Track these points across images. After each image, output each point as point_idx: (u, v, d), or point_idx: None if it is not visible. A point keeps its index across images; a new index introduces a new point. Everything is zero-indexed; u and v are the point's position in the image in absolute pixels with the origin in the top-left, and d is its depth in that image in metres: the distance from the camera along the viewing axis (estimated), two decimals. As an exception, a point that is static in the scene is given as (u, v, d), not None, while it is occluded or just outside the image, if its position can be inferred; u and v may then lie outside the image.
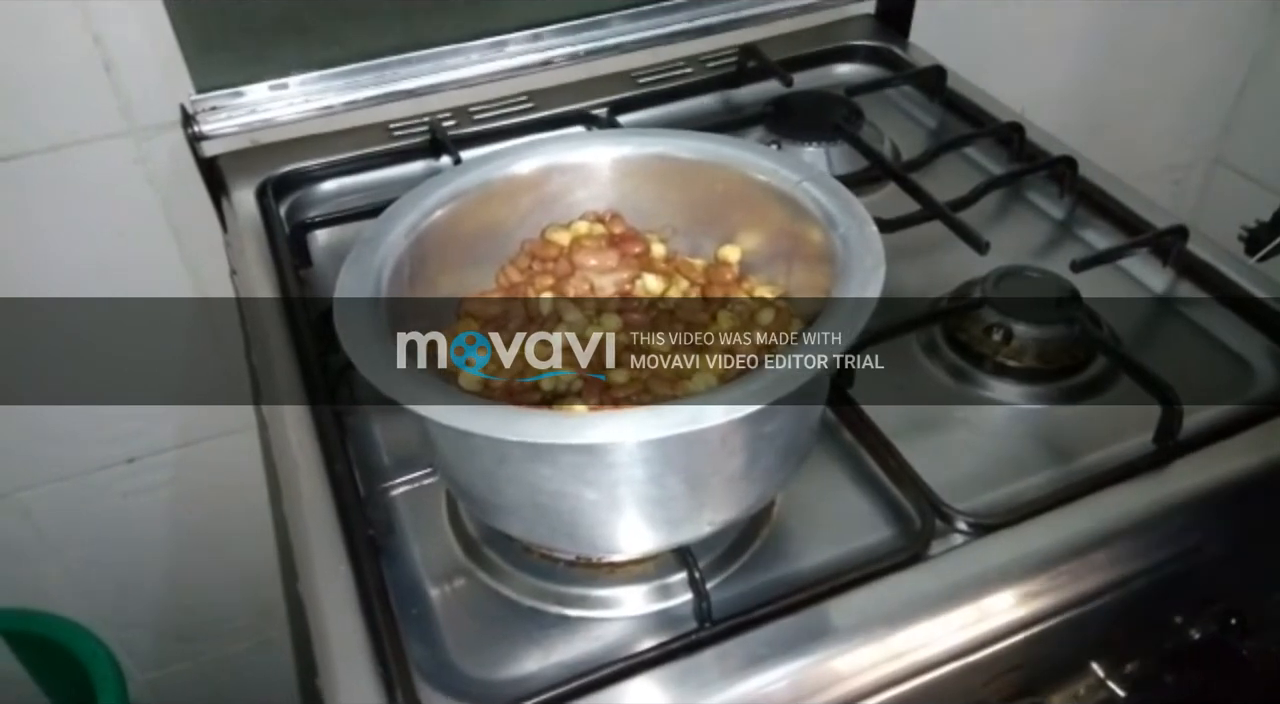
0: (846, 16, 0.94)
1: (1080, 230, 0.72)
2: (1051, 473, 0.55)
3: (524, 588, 0.50)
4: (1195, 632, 0.56)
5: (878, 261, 0.44)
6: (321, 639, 0.47)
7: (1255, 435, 0.55)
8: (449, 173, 0.52)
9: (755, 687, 0.45)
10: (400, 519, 0.54)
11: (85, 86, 0.72)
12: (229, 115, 0.76)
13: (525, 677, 0.46)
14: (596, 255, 0.50)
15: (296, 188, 0.76)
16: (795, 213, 0.49)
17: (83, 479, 0.90)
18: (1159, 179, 1.29)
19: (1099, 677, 0.55)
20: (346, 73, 0.78)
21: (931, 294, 0.66)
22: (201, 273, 0.83)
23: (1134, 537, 0.51)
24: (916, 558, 0.49)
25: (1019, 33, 1.05)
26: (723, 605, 0.47)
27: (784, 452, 0.46)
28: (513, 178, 0.53)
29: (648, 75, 0.86)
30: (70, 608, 0.94)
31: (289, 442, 0.55)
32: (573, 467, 0.41)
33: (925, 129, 0.85)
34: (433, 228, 0.49)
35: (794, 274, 0.51)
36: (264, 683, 1.11)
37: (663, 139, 0.54)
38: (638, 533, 0.45)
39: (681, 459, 0.42)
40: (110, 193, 0.77)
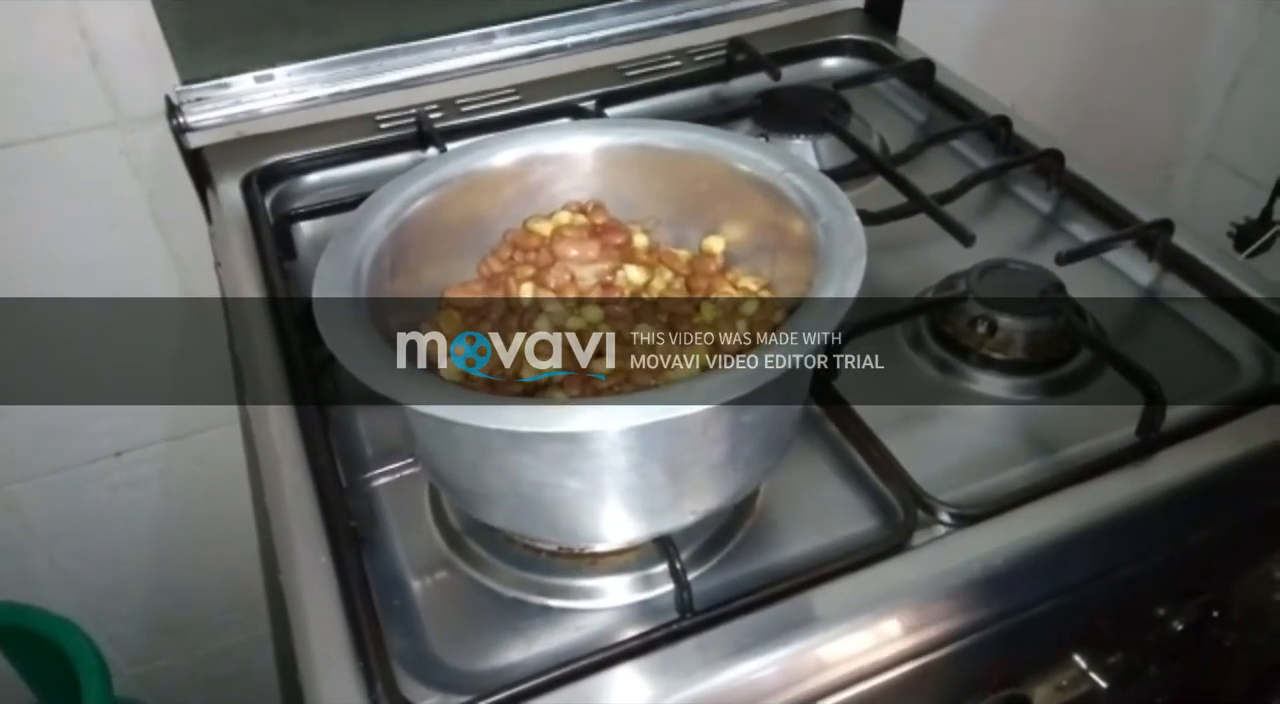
0: (835, 10, 0.94)
1: (1067, 224, 0.73)
2: (1035, 465, 0.55)
3: (506, 579, 0.50)
4: (1177, 623, 0.56)
5: (859, 252, 0.44)
6: (302, 631, 0.47)
7: (1238, 428, 0.55)
8: (431, 162, 0.52)
9: (737, 676, 0.45)
10: (382, 510, 0.54)
11: (72, 77, 0.71)
12: (214, 107, 0.75)
13: (507, 667, 0.46)
14: (578, 246, 0.50)
15: (282, 180, 0.76)
16: (778, 203, 0.49)
17: (70, 473, 0.90)
18: (1150, 175, 1.29)
19: (1081, 668, 0.55)
20: (333, 64, 0.78)
21: (917, 287, 0.66)
22: (186, 264, 0.82)
23: (1116, 528, 0.51)
24: (899, 548, 0.49)
25: (1008, 28, 1.05)
26: (705, 596, 0.47)
27: (766, 441, 0.46)
28: (495, 168, 0.53)
29: (635, 68, 0.86)
30: (57, 602, 0.94)
31: (271, 433, 0.55)
32: (554, 455, 0.41)
33: (913, 123, 0.85)
34: (414, 217, 0.49)
35: (778, 265, 0.51)
36: (252, 676, 1.11)
37: (647, 129, 0.54)
38: (619, 522, 0.45)
39: (662, 447, 0.42)
40: (96, 184, 0.76)
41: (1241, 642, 0.58)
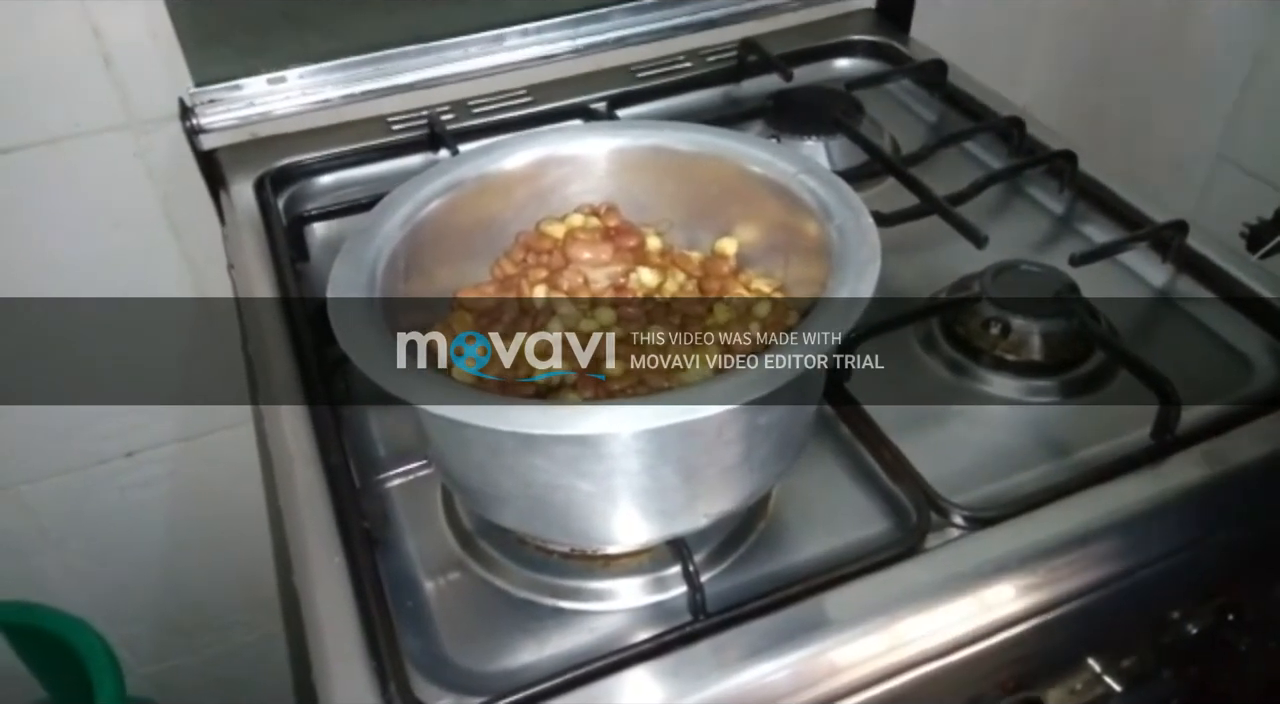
0: (847, 11, 0.94)
1: (1080, 225, 0.72)
2: (1049, 467, 0.55)
3: (519, 580, 0.50)
4: (1192, 627, 0.56)
5: (873, 254, 0.44)
6: (316, 632, 0.47)
7: (1253, 430, 0.55)
8: (445, 164, 0.52)
9: (751, 679, 0.45)
10: (395, 511, 0.54)
11: (85, 79, 0.72)
12: (227, 108, 0.76)
13: (520, 669, 0.46)
14: (590, 248, 0.50)
15: (294, 181, 0.76)
16: (791, 205, 0.49)
17: (82, 473, 0.90)
18: (1161, 175, 1.28)
19: (1095, 671, 0.55)
20: (345, 66, 0.78)
21: (929, 288, 0.65)
22: (199, 266, 0.83)
23: (1131, 531, 0.51)
24: (912, 551, 0.49)
25: (1020, 27, 1.05)
26: (718, 598, 0.47)
27: (779, 444, 0.45)
28: (508, 170, 0.53)
29: (647, 69, 0.86)
30: (69, 602, 0.94)
31: (284, 433, 0.55)
32: (566, 458, 0.41)
33: (925, 124, 0.85)
34: (427, 219, 0.49)
35: (791, 267, 0.51)
36: (264, 677, 1.11)
37: (659, 131, 0.54)
38: (632, 524, 0.45)
39: (676, 450, 0.42)
40: (109, 186, 0.77)
41: (1256, 646, 0.57)
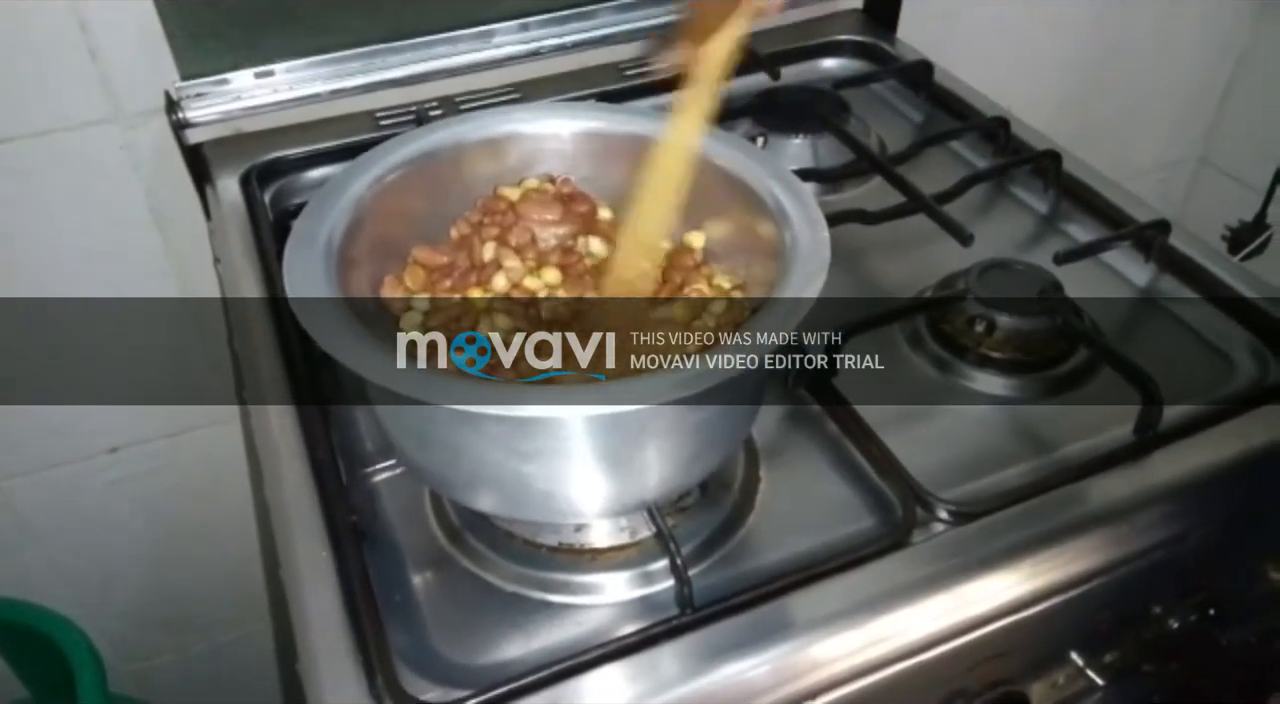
0: (834, 11, 0.94)
1: (1064, 224, 0.73)
2: (1033, 463, 0.55)
3: (506, 574, 0.50)
4: (1174, 621, 0.56)
5: (821, 266, 0.44)
6: (303, 626, 0.47)
7: (1234, 427, 0.56)
8: (419, 131, 0.53)
9: (737, 672, 0.45)
10: (383, 506, 0.54)
11: (71, 72, 0.71)
12: (214, 102, 0.75)
13: (507, 662, 0.46)
14: (541, 208, 0.51)
15: (281, 176, 0.75)
16: (756, 207, 0.49)
17: (66, 468, 0.90)
18: (1146, 178, 1.29)
19: (1078, 665, 0.55)
20: (333, 61, 0.78)
21: (916, 286, 0.66)
22: (185, 261, 0.82)
23: (1113, 526, 0.52)
24: (898, 546, 0.49)
25: (1006, 29, 1.06)
26: (705, 592, 0.47)
27: (710, 439, 0.46)
28: (478, 144, 0.53)
29: (635, 67, 0.86)
30: (53, 598, 0.93)
31: (271, 428, 0.55)
32: (498, 436, 0.42)
33: (911, 123, 0.85)
34: (391, 186, 0.50)
35: (752, 267, 0.51)
36: (249, 673, 1.10)
37: (640, 120, 0.54)
38: (587, 498, 0.46)
39: (608, 437, 0.43)
40: (95, 180, 0.76)
41: (1238, 640, 0.58)
